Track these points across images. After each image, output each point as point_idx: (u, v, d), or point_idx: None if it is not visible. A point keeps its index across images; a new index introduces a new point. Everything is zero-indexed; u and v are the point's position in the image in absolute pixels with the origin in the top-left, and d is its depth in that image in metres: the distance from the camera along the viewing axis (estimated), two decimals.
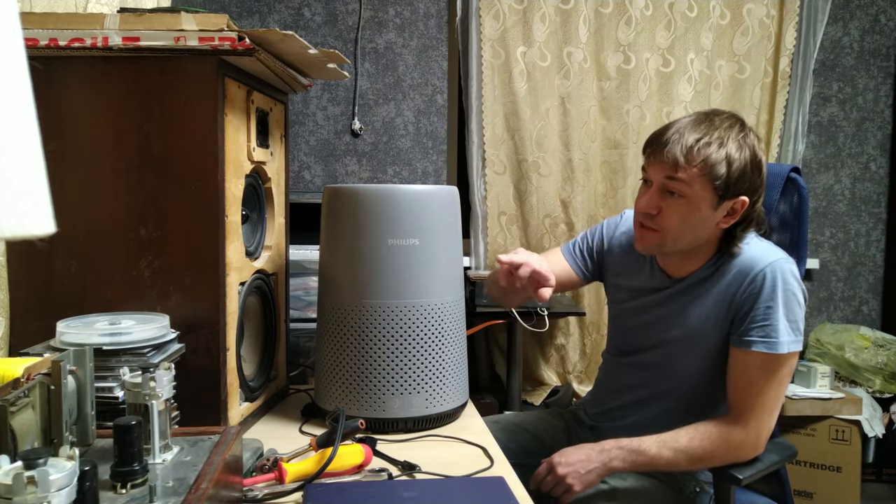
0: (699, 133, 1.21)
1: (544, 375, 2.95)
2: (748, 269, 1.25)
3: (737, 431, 1.24)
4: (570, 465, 1.26)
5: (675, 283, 1.34)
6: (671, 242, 1.27)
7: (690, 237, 1.26)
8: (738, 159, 1.20)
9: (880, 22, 3.13)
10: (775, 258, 1.24)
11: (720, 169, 1.19)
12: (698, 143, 1.20)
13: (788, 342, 1.21)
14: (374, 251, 1.24)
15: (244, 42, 1.04)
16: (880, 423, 2.78)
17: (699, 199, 1.21)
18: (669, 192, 1.23)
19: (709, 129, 1.21)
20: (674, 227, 1.25)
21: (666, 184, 1.23)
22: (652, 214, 1.26)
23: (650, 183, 1.27)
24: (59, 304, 1.09)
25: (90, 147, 1.09)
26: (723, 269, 1.29)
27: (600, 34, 2.89)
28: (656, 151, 1.24)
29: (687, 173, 1.20)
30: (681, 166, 1.20)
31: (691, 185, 1.21)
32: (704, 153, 1.19)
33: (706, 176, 1.20)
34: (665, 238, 1.26)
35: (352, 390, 1.26)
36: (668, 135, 1.23)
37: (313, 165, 2.90)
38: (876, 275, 3.22)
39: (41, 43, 1.03)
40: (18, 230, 0.47)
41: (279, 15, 2.85)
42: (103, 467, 0.72)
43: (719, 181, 1.20)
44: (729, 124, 1.23)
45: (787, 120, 2.97)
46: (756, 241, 1.30)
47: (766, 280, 1.23)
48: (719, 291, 1.28)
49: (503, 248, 2.92)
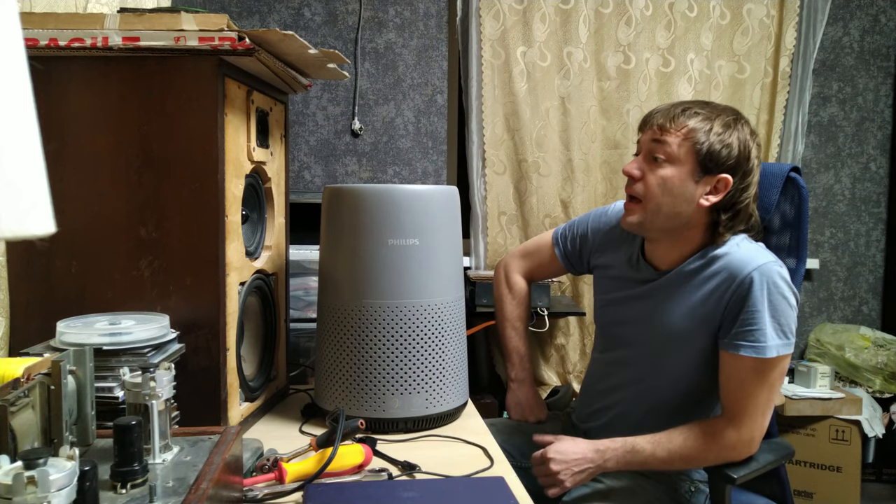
0: (690, 107, 1.28)
1: (544, 375, 2.96)
2: (737, 272, 1.25)
3: (729, 432, 1.24)
4: (564, 462, 1.26)
5: (661, 276, 1.34)
6: (652, 214, 1.29)
7: (670, 208, 1.27)
8: (725, 137, 1.25)
9: (880, 22, 3.13)
10: (763, 261, 1.24)
11: (702, 136, 1.25)
12: (686, 112, 1.27)
13: (777, 346, 1.21)
14: (374, 251, 1.24)
15: (244, 42, 1.04)
16: (880, 423, 2.78)
17: (683, 165, 1.26)
18: (655, 158, 1.27)
19: (702, 107, 1.28)
20: (654, 193, 1.27)
21: (652, 148, 1.28)
22: (635, 177, 1.30)
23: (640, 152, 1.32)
24: (59, 304, 1.09)
25: (90, 147, 1.09)
26: (710, 266, 1.29)
27: (600, 34, 2.89)
28: (647, 120, 1.31)
29: (671, 136, 1.26)
30: (666, 129, 1.26)
31: (674, 147, 1.25)
32: (690, 120, 1.26)
33: (689, 140, 1.25)
34: (646, 209, 1.29)
35: (352, 390, 1.26)
36: (660, 107, 1.31)
37: (313, 165, 2.90)
38: (876, 275, 3.22)
39: (41, 43, 1.03)
40: (18, 230, 0.47)
41: (279, 15, 2.85)
42: (103, 467, 0.72)
43: (702, 152, 1.24)
44: (723, 108, 1.29)
45: (786, 120, 2.97)
46: (746, 242, 1.30)
47: (753, 283, 1.22)
48: (706, 290, 1.28)
49: (503, 247, 2.92)
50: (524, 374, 1.57)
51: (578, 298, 2.97)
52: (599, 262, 1.50)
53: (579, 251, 1.54)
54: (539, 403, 1.54)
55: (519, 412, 1.54)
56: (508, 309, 1.61)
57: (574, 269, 1.58)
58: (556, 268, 1.60)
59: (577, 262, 1.56)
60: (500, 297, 1.63)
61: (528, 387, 1.57)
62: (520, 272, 1.63)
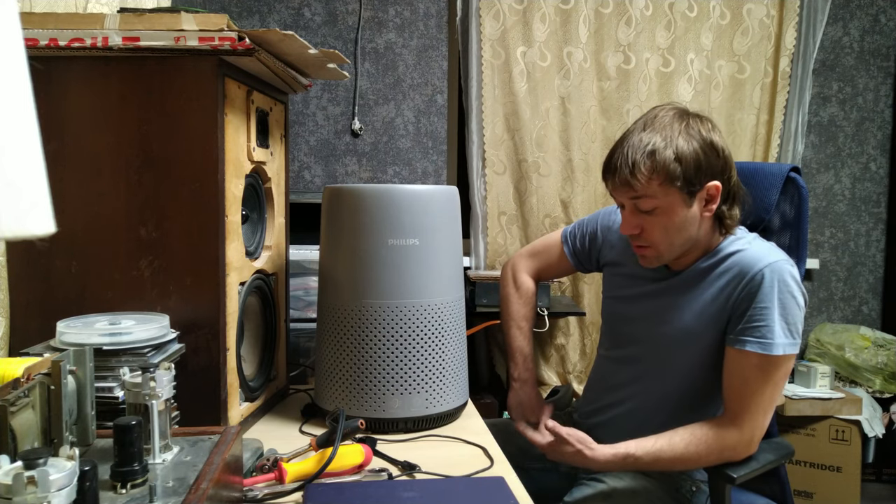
0: (644, 143, 1.21)
1: (544, 375, 2.96)
2: (747, 269, 1.25)
3: (732, 433, 1.24)
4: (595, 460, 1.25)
5: (674, 275, 1.35)
6: (667, 251, 1.29)
7: (682, 239, 1.27)
8: (689, 151, 1.21)
9: (880, 22, 3.13)
10: (775, 259, 1.24)
11: (675, 169, 1.20)
12: (643, 155, 1.20)
13: (784, 344, 1.21)
14: (374, 251, 1.24)
15: (244, 42, 1.04)
16: (880, 423, 2.78)
17: (671, 205, 1.23)
18: (642, 211, 1.25)
19: (651, 135, 1.22)
20: (661, 240, 1.27)
21: (634, 203, 1.25)
22: (636, 234, 1.28)
23: (623, 207, 1.30)
24: (59, 304, 1.09)
25: (90, 147, 1.09)
26: (722, 263, 1.29)
27: (600, 34, 2.89)
28: (611, 179, 1.27)
29: (646, 188, 1.22)
30: (637, 185, 1.22)
31: (656, 196, 1.22)
32: (652, 162, 1.20)
33: (665, 182, 1.21)
34: (660, 251, 1.29)
35: (352, 390, 1.26)
36: (614, 158, 1.25)
37: (313, 165, 2.90)
38: (876, 275, 3.22)
39: (41, 43, 1.03)
40: (18, 230, 0.47)
41: (279, 15, 2.85)
42: (103, 467, 0.72)
43: (679, 181, 1.21)
44: (669, 119, 1.24)
45: (786, 120, 2.97)
46: (758, 241, 1.30)
47: (764, 280, 1.23)
48: (717, 288, 1.28)
49: (503, 248, 2.92)
50: (527, 375, 1.57)
51: (578, 298, 2.97)
52: (609, 260, 1.50)
53: (588, 249, 1.54)
54: (541, 404, 1.54)
55: (520, 412, 1.54)
56: (515, 308, 1.61)
57: (583, 267, 1.58)
58: (565, 267, 1.60)
59: (587, 260, 1.56)
60: (507, 296, 1.63)
61: (531, 387, 1.57)
62: (528, 272, 1.63)
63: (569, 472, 1.46)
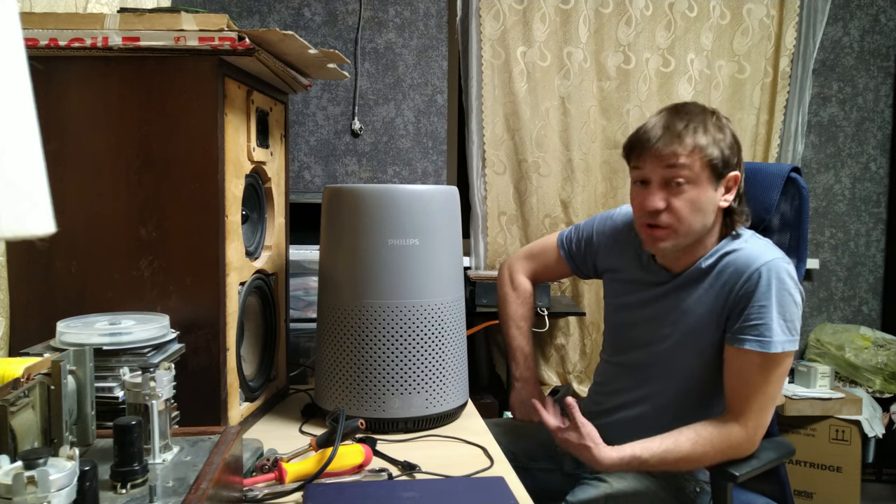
0: (681, 122, 1.25)
1: (544, 375, 2.95)
2: (745, 267, 1.25)
3: (735, 431, 1.24)
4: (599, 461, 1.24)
5: (674, 278, 1.35)
6: (684, 234, 1.27)
7: (700, 223, 1.27)
8: (723, 138, 1.26)
9: (880, 22, 3.13)
10: (772, 257, 1.25)
11: (713, 149, 1.24)
12: (686, 129, 1.24)
13: (783, 342, 1.22)
14: (374, 251, 1.24)
15: (244, 42, 1.04)
16: (880, 423, 2.78)
17: (703, 181, 1.25)
18: (674, 183, 1.25)
19: (687, 119, 1.26)
20: (686, 217, 1.26)
21: (667, 175, 1.25)
22: (660, 210, 1.26)
23: (647, 183, 1.28)
24: (59, 304, 1.09)
25: (90, 147, 1.09)
26: (721, 262, 1.29)
27: (600, 34, 2.89)
28: (647, 149, 1.26)
29: (688, 158, 1.24)
30: (679, 153, 1.23)
31: (693, 167, 1.24)
32: (695, 137, 1.24)
33: (703, 157, 1.24)
34: (678, 231, 1.27)
35: (352, 390, 1.26)
36: (650, 132, 1.27)
37: (313, 165, 2.90)
38: (876, 275, 3.22)
39: (41, 43, 1.03)
40: (18, 230, 0.47)
41: (279, 15, 2.85)
42: (103, 467, 0.72)
43: (716, 160, 1.24)
44: (700, 110, 1.28)
45: (786, 120, 2.97)
46: (754, 239, 1.31)
47: (761, 278, 1.23)
48: (716, 287, 1.28)
49: (503, 248, 2.92)
50: (528, 374, 1.57)
51: (578, 298, 2.97)
52: (607, 266, 1.50)
53: (584, 253, 1.54)
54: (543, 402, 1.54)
55: (523, 412, 1.54)
56: (513, 308, 1.61)
57: (580, 272, 1.57)
58: (562, 270, 1.60)
59: (582, 264, 1.56)
60: (504, 296, 1.63)
61: (533, 386, 1.57)
62: (525, 273, 1.63)
63: (573, 472, 1.46)
